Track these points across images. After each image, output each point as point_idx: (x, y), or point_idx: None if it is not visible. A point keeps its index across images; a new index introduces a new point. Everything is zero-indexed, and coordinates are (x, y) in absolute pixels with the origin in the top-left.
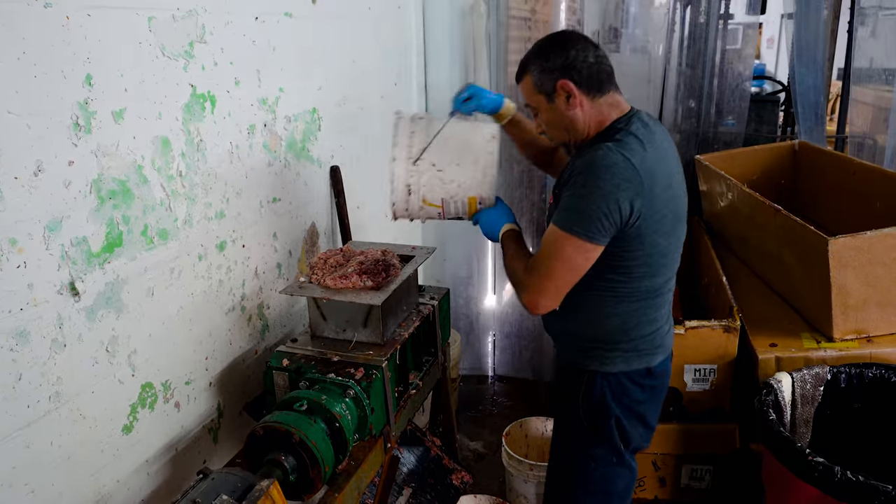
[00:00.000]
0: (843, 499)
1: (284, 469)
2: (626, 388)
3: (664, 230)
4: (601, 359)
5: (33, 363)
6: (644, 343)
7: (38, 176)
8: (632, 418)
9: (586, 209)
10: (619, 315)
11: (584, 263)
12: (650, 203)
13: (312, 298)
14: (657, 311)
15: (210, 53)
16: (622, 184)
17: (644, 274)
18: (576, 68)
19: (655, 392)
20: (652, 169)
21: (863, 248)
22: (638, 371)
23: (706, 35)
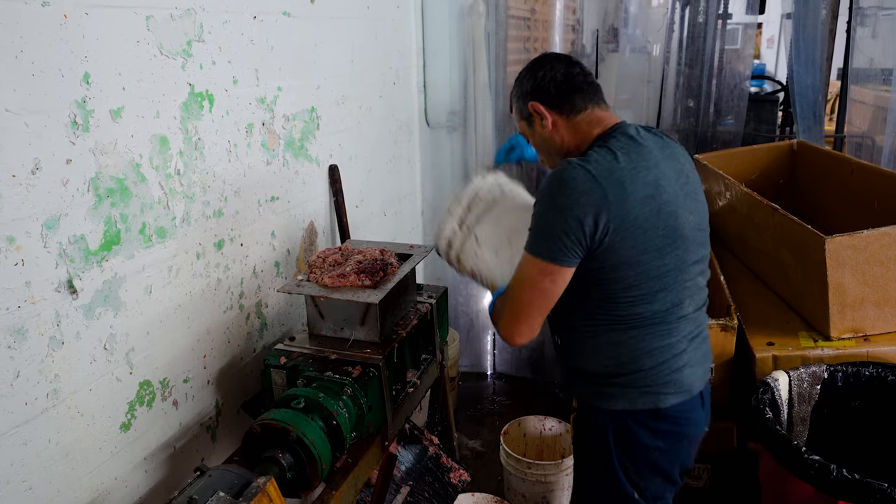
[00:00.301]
0: (839, 496)
1: (282, 466)
2: (630, 430)
3: (652, 247)
4: (599, 394)
5: (31, 360)
6: (646, 378)
7: (36, 174)
8: (641, 466)
9: (545, 229)
10: (612, 345)
11: (551, 287)
12: (621, 216)
13: (310, 297)
14: (660, 342)
15: (208, 52)
16: (580, 198)
17: (635, 299)
18: (543, 88)
19: (672, 439)
20: (623, 179)
21: (860, 247)
22: (645, 412)
23: (705, 34)
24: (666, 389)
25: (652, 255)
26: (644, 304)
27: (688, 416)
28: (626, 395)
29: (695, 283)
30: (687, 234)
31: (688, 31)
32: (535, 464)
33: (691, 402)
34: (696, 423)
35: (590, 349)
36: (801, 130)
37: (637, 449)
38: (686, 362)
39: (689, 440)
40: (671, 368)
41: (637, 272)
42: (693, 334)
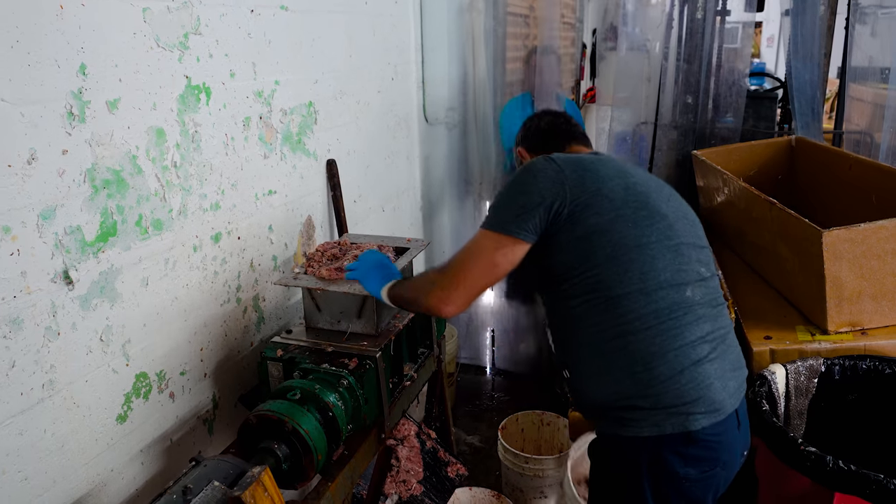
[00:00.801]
0: (834, 488)
1: (277, 457)
2: (664, 460)
3: (623, 216)
4: (621, 421)
5: (27, 351)
6: (668, 393)
7: (32, 164)
8: (672, 496)
9: (504, 205)
10: (617, 352)
11: (502, 261)
12: (580, 188)
13: (307, 289)
14: (673, 342)
15: (205, 45)
16: (537, 174)
17: (622, 276)
18: (527, 136)
19: (705, 466)
20: (583, 164)
21: (857, 241)
22: (675, 437)
23: (703, 30)
24: (695, 409)
25: (626, 224)
26: (635, 282)
27: (721, 440)
28: (651, 419)
29: (695, 270)
30: (667, 214)
31: (686, 27)
32: (532, 458)
33: (725, 422)
34: (731, 447)
35: (600, 367)
36: (800, 126)
37: (668, 478)
38: (712, 374)
39: (724, 466)
40: (696, 381)
41: (613, 240)
42: (713, 336)
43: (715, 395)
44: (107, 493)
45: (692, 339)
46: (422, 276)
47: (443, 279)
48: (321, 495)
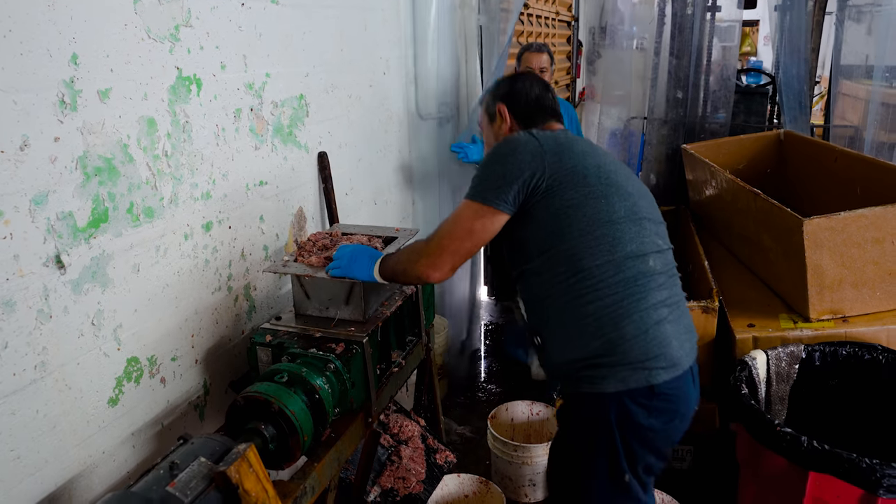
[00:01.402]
0: (809, 467)
1: (264, 437)
2: (629, 411)
3: (596, 193)
4: (590, 378)
5: (19, 332)
6: (634, 350)
7: (24, 150)
8: (640, 447)
9: (485, 177)
10: (591, 316)
11: (480, 230)
12: (558, 163)
13: (296, 276)
14: (638, 305)
15: (196, 37)
16: (518, 147)
17: (594, 249)
18: (515, 98)
19: (666, 417)
20: (559, 140)
21: (837, 229)
22: (639, 391)
23: (692, 26)
24: (657, 364)
25: (598, 201)
26: (605, 254)
27: (679, 393)
28: (618, 375)
29: (654, 242)
30: (632, 193)
31: (676, 22)
32: (521, 446)
33: (682, 377)
34: (687, 399)
35: (572, 329)
36: (788, 120)
37: (634, 430)
38: (671, 334)
39: (682, 418)
40: (657, 339)
41: (587, 214)
42: (670, 301)
43: (673, 353)
44: (98, 475)
45: (654, 303)
46: (409, 247)
47: (428, 248)
48: (307, 475)
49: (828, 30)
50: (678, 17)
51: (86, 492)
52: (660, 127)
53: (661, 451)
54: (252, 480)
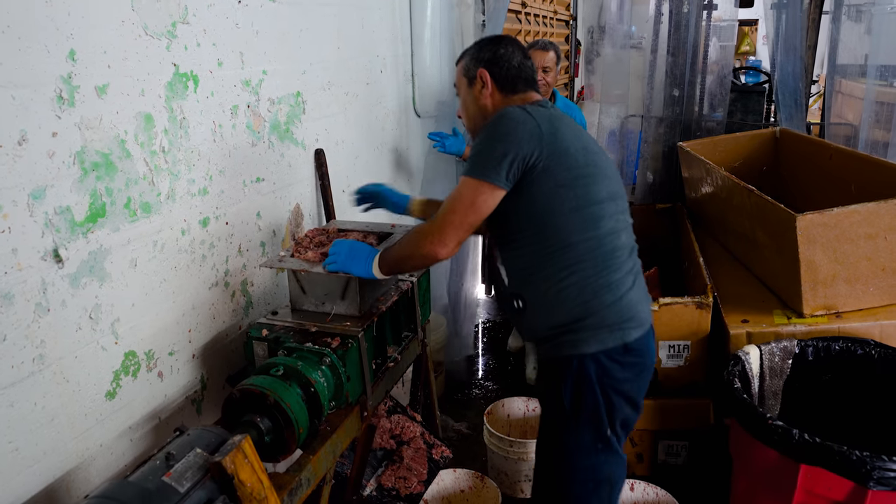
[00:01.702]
0: (801, 460)
1: (260, 430)
2: (606, 368)
3: (585, 174)
4: (573, 342)
5: (17, 325)
6: (611, 314)
7: (23, 145)
8: (618, 398)
9: (484, 154)
10: (574, 286)
11: (482, 205)
12: (553, 143)
13: (292, 271)
14: (613, 275)
15: (193, 34)
16: (517, 126)
17: (581, 226)
18: (497, 64)
19: (637, 370)
20: (552, 119)
21: (830, 225)
22: (615, 349)
23: (688, 23)
24: (629, 325)
25: (587, 181)
26: (590, 230)
27: (646, 349)
28: (597, 336)
29: (625, 219)
30: (610, 175)
31: (672, 20)
32: (517, 442)
33: (647, 334)
34: (651, 353)
35: (556, 297)
36: (784, 118)
37: (612, 384)
38: (637, 298)
39: (648, 370)
40: (630, 302)
41: (577, 194)
42: (634, 271)
43: (641, 315)
44: (96, 468)
45: (625, 273)
46: (409, 234)
47: (433, 227)
48: (303, 468)
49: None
50: (674, 15)
51: (83, 484)
52: (657, 125)
53: (636, 401)
54: (247, 471)
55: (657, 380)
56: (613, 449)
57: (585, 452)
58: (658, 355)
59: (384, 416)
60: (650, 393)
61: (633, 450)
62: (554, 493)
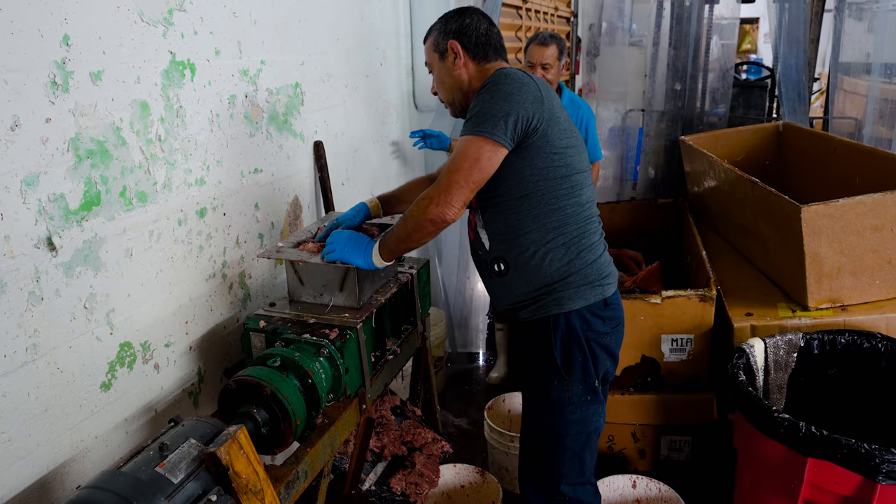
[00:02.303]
0: (807, 453)
1: (256, 421)
2: (590, 322)
3: (572, 143)
4: (559, 300)
5: (10, 313)
6: (593, 272)
7: (15, 131)
8: (601, 351)
9: (488, 110)
10: (562, 247)
11: (486, 164)
12: (551, 109)
13: (290, 262)
14: (592, 238)
15: (189, 22)
16: (522, 87)
17: (569, 191)
18: (466, 34)
19: (614, 323)
20: (545, 86)
21: (835, 216)
22: (597, 304)
23: (690, 16)
24: (607, 281)
25: (573, 151)
26: (575, 196)
27: (619, 303)
28: (581, 294)
29: (594, 190)
30: (581, 147)
31: (674, 13)
32: (517, 437)
33: (618, 291)
34: (622, 307)
35: (542, 259)
36: (787, 111)
37: (596, 338)
38: (608, 259)
39: (622, 324)
40: (606, 261)
41: (567, 163)
42: (601, 235)
43: (614, 272)
44: (90, 460)
45: (599, 237)
46: (411, 206)
47: (437, 189)
48: (300, 460)
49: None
50: (676, 9)
51: (78, 477)
52: (658, 119)
53: (615, 354)
54: (243, 462)
55: (659, 374)
56: (600, 399)
57: (577, 405)
58: (661, 349)
59: (393, 423)
60: (653, 388)
61: (635, 445)
62: (547, 448)
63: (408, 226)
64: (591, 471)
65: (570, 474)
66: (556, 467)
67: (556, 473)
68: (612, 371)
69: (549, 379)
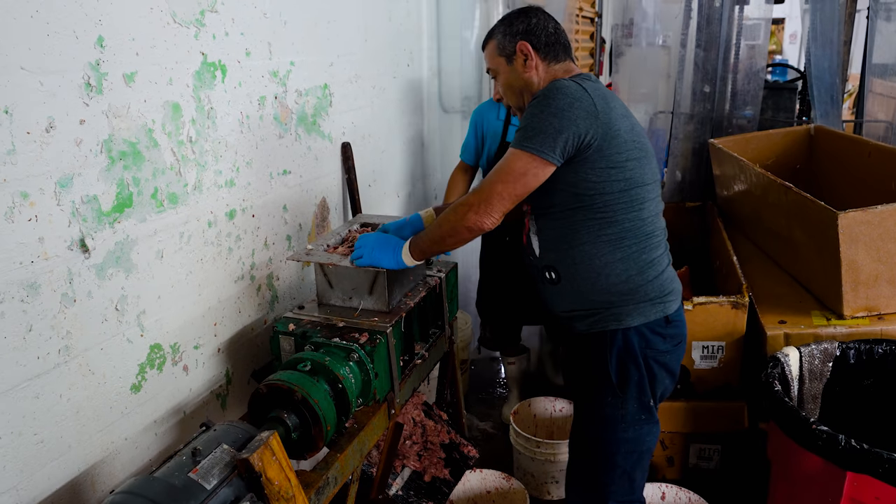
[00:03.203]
0: (847, 467)
1: (287, 426)
2: (649, 340)
3: (634, 156)
4: (617, 316)
5: (43, 315)
6: (654, 289)
7: (50, 132)
8: (660, 369)
9: (538, 126)
10: (620, 262)
11: (532, 180)
12: (608, 124)
13: (319, 265)
14: (655, 252)
15: (221, 23)
16: (574, 102)
17: (628, 206)
18: (535, 34)
19: (676, 340)
20: (605, 95)
21: (873, 223)
22: (658, 321)
23: (721, 18)
24: (670, 298)
25: (634, 164)
26: (635, 210)
27: (683, 320)
28: (640, 310)
29: (661, 202)
30: (652, 157)
31: (704, 14)
32: (544, 443)
33: (681, 307)
34: (685, 323)
35: (599, 272)
36: (819, 115)
37: (655, 356)
38: (672, 274)
39: (685, 341)
40: (669, 277)
41: (626, 177)
42: (667, 251)
43: (678, 287)
44: (120, 461)
45: (662, 251)
46: (449, 210)
47: (479, 197)
48: (330, 466)
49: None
50: (705, 9)
51: (108, 478)
52: (686, 122)
53: (674, 372)
54: (275, 469)
55: (689, 381)
56: (655, 419)
57: (631, 424)
58: (692, 356)
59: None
60: (682, 395)
61: (663, 453)
62: (597, 463)
63: (443, 230)
64: (640, 489)
65: (620, 491)
66: (606, 483)
67: (605, 489)
68: (669, 389)
69: (603, 395)
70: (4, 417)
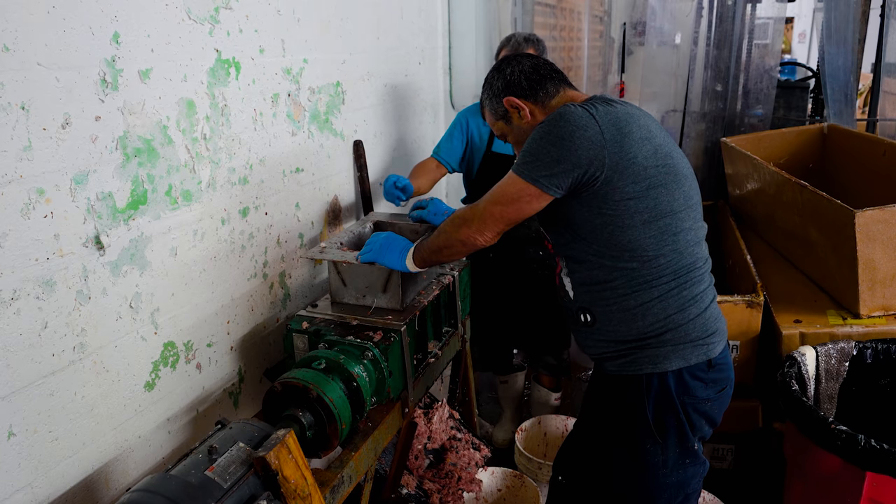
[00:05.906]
0: (866, 467)
1: (302, 424)
2: (688, 386)
3: (657, 184)
4: (653, 358)
5: (59, 313)
6: (695, 328)
7: (66, 129)
8: (699, 418)
9: (535, 152)
10: (657, 301)
11: (526, 207)
12: (618, 153)
13: (333, 263)
14: (698, 287)
15: (235, 20)
16: (576, 131)
17: (658, 240)
18: (515, 83)
19: (719, 386)
20: (619, 119)
21: (891, 222)
22: (699, 365)
23: (733, 16)
24: (714, 339)
25: (659, 191)
26: (668, 244)
27: (728, 362)
28: (679, 352)
29: (703, 226)
30: (687, 175)
31: (717, 13)
32: (545, 464)
33: (727, 347)
34: (732, 368)
35: (634, 312)
36: (832, 113)
37: (694, 404)
38: (717, 312)
39: (730, 387)
40: (713, 316)
41: (649, 206)
42: (711, 282)
43: (723, 327)
44: (133, 459)
45: (706, 286)
46: (446, 222)
47: (473, 214)
48: (345, 464)
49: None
50: (718, 8)
51: (121, 476)
52: (697, 121)
53: (716, 420)
54: (291, 467)
55: None
56: (701, 460)
57: (673, 469)
58: None
59: None
60: None
61: None
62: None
63: (440, 240)
64: None
65: None
66: None
67: None
68: (708, 434)
69: (640, 441)
70: (20, 414)
